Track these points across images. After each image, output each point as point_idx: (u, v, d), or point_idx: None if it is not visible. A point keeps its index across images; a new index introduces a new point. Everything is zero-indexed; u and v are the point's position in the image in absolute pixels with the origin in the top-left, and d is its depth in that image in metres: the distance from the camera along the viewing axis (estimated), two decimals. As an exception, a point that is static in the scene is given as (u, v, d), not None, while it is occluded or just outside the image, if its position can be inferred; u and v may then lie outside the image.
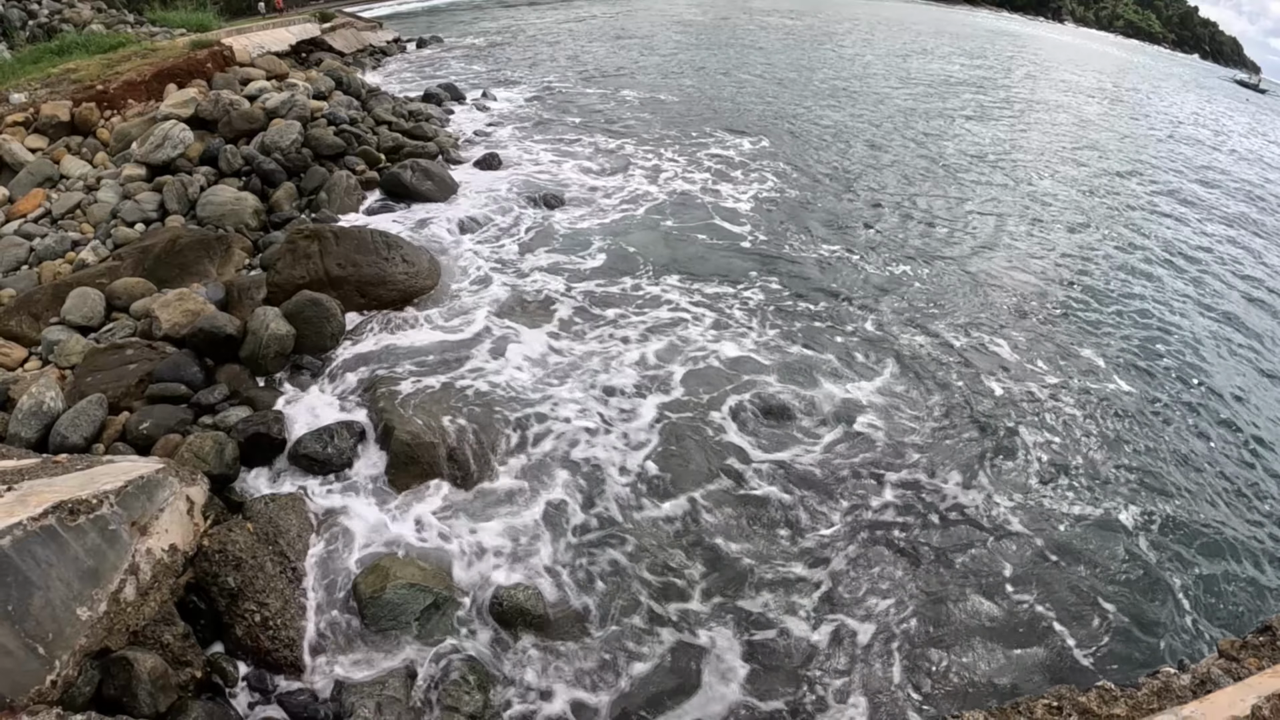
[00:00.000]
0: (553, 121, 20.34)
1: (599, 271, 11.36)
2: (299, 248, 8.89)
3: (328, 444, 6.79)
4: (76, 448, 6.39)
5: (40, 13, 22.61)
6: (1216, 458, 9.04)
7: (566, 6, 56.42)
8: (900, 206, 16.19)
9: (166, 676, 4.31)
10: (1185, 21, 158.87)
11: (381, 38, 34.35)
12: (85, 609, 3.87)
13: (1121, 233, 16.98)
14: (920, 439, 8.31)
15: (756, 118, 23.15)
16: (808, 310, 10.87)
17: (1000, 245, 14.76)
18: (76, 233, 10.68)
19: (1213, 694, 2.99)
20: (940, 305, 11.57)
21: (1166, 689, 3.15)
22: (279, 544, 5.55)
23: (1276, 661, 3.26)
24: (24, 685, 3.40)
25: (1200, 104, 52.40)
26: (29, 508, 3.67)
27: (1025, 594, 6.50)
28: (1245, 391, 10.78)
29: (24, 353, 8.23)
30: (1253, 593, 7.03)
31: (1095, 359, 10.66)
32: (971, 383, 9.54)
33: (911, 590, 6.37)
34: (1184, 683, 3.16)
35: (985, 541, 7.02)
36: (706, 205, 14.75)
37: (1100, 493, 7.95)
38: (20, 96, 13.24)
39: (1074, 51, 78.42)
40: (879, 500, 7.35)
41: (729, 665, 5.53)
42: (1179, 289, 14.18)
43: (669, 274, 11.51)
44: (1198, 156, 28.96)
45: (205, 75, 15.21)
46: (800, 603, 6.11)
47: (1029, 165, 22.00)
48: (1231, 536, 7.68)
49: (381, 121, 15.98)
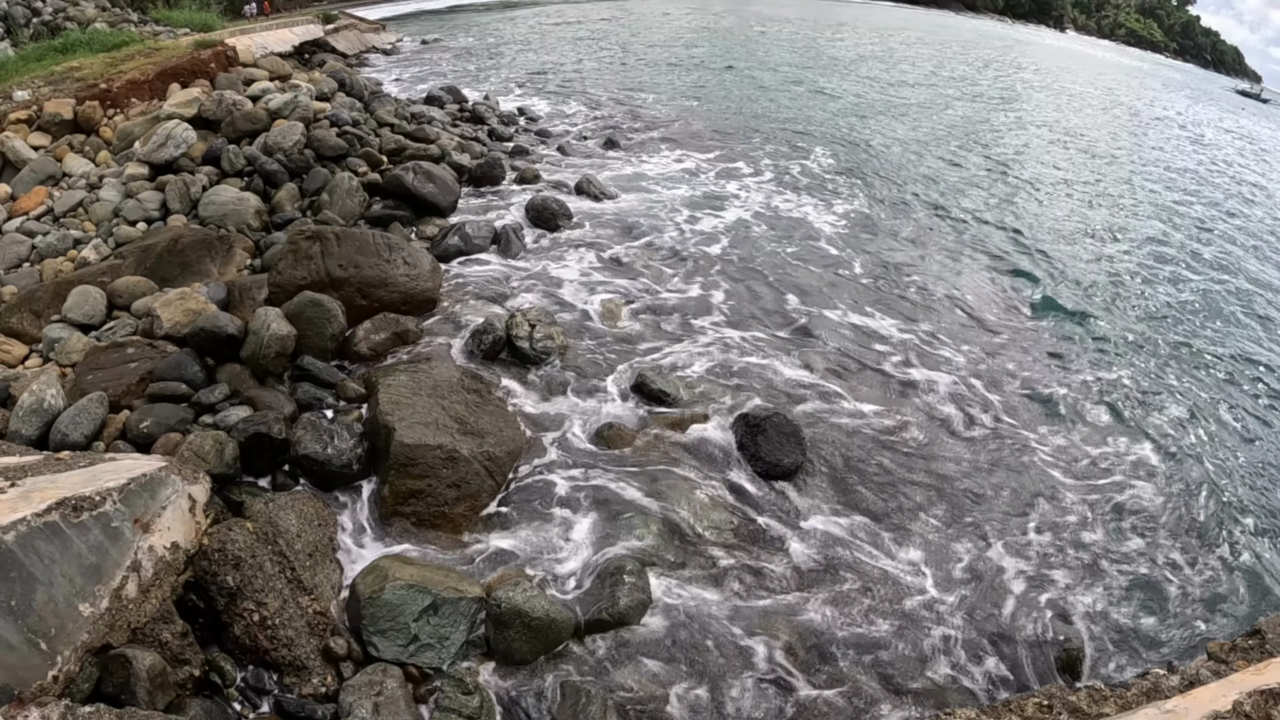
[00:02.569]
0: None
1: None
2: (300, 248, 8.92)
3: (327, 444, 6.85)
4: (77, 445, 6.42)
5: (44, 10, 22.66)
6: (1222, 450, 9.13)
7: (571, 8, 56.52)
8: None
9: (165, 675, 4.33)
10: (1187, 30, 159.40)
11: (384, 39, 34.45)
12: (88, 605, 3.89)
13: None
14: (931, 448, 8.36)
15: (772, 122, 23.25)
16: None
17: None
18: (78, 231, 10.71)
19: (1196, 689, 3.03)
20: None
21: (1156, 689, 3.19)
22: (278, 543, 5.58)
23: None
24: (26, 680, 3.42)
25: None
26: (33, 504, 3.70)
27: (1018, 592, 6.55)
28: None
29: (25, 350, 8.27)
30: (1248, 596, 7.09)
31: (1082, 361, 10.73)
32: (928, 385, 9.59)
33: (902, 583, 6.42)
34: (1173, 683, 3.20)
35: (978, 539, 7.08)
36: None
37: (1101, 491, 8.01)
38: (24, 94, 13.27)
39: (1101, 64, 78.92)
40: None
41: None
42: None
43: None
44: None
45: (208, 75, 15.23)
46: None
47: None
48: (1227, 539, 7.74)
49: (384, 123, 16.03)
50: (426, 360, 8.46)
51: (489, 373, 8.59)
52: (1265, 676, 2.93)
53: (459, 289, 10.33)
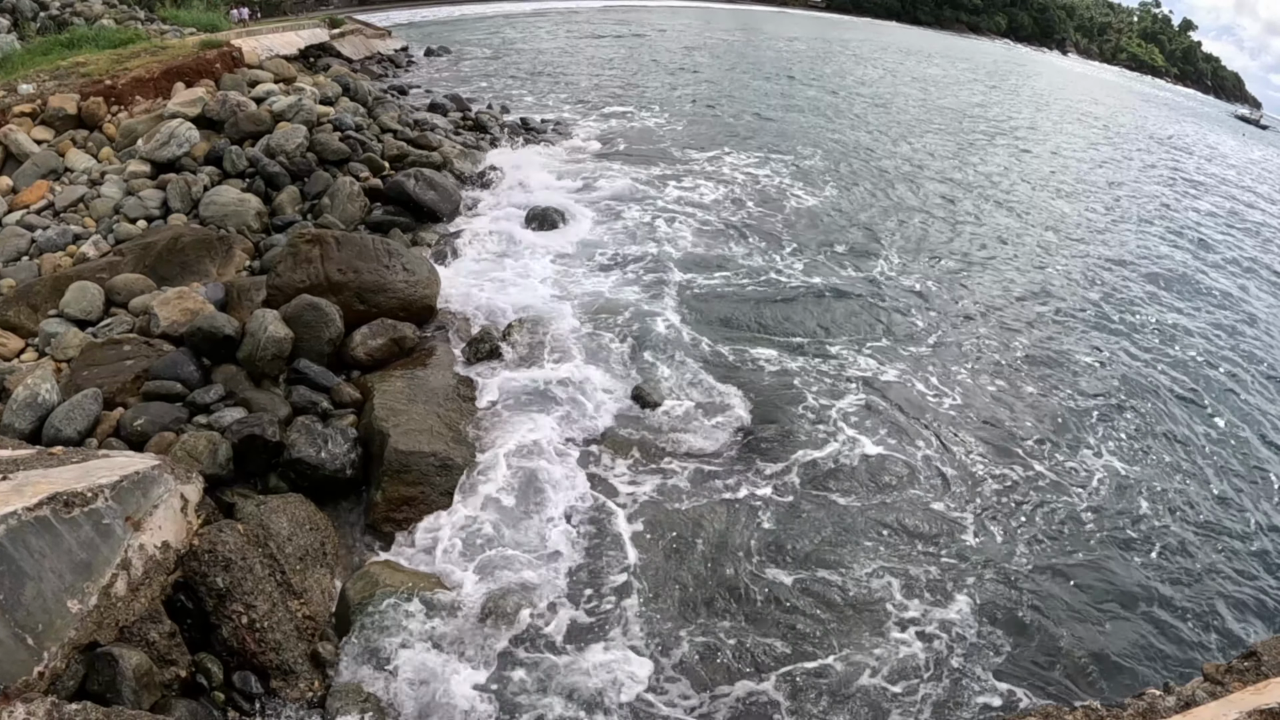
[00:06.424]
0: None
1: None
2: (300, 251, 8.90)
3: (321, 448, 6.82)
4: (70, 441, 6.39)
5: (52, 5, 22.68)
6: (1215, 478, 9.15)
7: (576, 23, 56.88)
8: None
9: (151, 674, 4.30)
10: (1188, 56, 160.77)
11: (390, 45, 34.58)
12: (76, 602, 3.86)
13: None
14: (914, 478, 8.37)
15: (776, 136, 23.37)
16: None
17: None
18: (79, 226, 10.69)
19: (1195, 709, 3.02)
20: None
21: (1152, 709, 3.17)
22: (269, 546, 5.54)
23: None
24: (12, 675, 3.39)
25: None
26: (24, 498, 3.68)
27: (1017, 614, 6.54)
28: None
29: (21, 344, 8.24)
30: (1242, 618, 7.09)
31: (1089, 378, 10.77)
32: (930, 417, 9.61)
33: (902, 604, 6.40)
34: (1169, 704, 3.19)
35: (978, 563, 7.07)
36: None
37: (1097, 515, 8.02)
38: (28, 88, 13.25)
39: (1107, 86, 79.67)
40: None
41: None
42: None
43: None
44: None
45: (213, 75, 15.26)
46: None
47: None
48: (1225, 564, 7.75)
49: (387, 129, 16.06)
50: (423, 367, 8.45)
51: (484, 379, 8.58)
52: (1264, 696, 2.92)
53: (456, 296, 10.31)
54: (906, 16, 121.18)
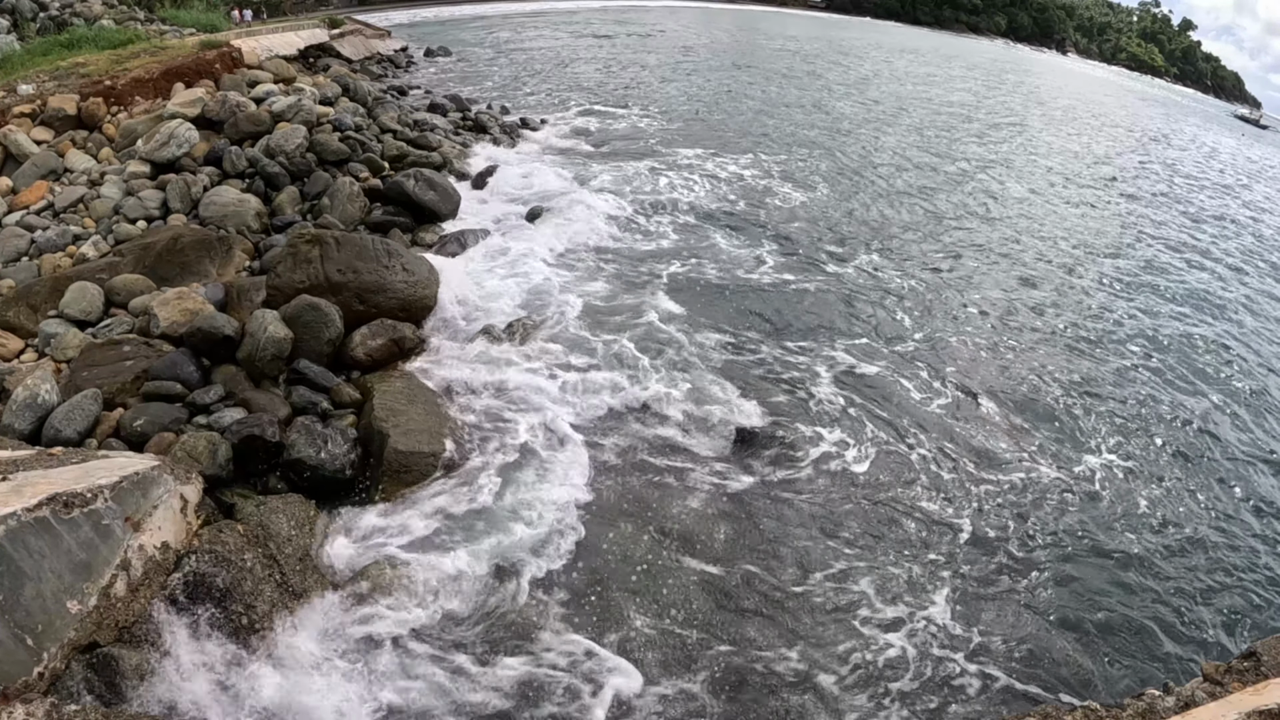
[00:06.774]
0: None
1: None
2: (300, 252, 8.90)
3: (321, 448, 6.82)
4: (70, 442, 6.38)
5: (51, 5, 22.66)
6: (1216, 483, 9.14)
7: (577, 24, 56.89)
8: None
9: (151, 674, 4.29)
10: (1188, 56, 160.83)
11: (390, 46, 34.58)
12: (75, 602, 3.86)
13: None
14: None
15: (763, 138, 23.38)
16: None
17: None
18: (78, 227, 10.69)
19: (1194, 710, 3.01)
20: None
21: (1151, 710, 3.17)
22: (269, 546, 5.54)
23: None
24: (12, 676, 3.38)
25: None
26: (24, 498, 3.67)
27: (1016, 615, 6.54)
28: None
29: (21, 344, 8.24)
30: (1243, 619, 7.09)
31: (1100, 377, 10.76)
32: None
33: (897, 604, 6.40)
34: (1168, 704, 3.19)
35: (975, 563, 7.07)
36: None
37: (1098, 516, 8.02)
38: (28, 88, 13.25)
39: (1106, 85, 79.55)
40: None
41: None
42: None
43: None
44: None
45: (213, 76, 15.25)
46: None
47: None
48: (1226, 563, 7.75)
49: (387, 129, 16.07)
50: (423, 367, 8.44)
51: (484, 378, 8.58)
52: (1264, 697, 2.91)
53: (456, 295, 10.30)
54: (906, 16, 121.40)
